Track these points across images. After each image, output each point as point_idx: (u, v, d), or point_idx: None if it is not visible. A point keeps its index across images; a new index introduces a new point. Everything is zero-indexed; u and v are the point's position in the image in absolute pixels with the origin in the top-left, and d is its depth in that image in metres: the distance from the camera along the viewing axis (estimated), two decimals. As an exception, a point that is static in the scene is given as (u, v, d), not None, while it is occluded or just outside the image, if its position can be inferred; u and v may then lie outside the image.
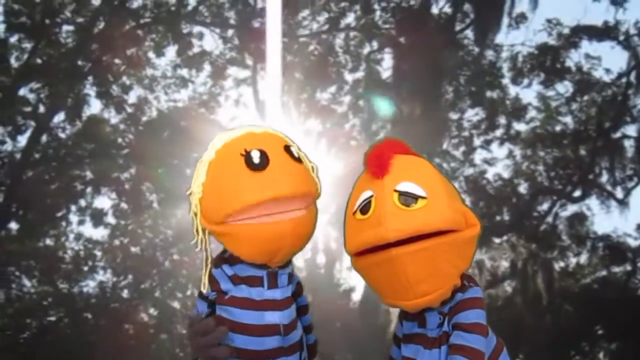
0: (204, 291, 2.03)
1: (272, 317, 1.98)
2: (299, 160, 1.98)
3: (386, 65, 11.97)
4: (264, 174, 1.90)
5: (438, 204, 1.82)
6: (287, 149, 1.98)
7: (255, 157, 1.92)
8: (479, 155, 12.58)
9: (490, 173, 12.53)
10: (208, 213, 1.97)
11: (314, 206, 2.03)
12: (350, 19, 12.21)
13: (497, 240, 12.30)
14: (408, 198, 1.81)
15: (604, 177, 12.19)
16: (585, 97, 11.99)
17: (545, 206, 12.33)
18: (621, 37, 11.64)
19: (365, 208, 1.88)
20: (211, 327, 1.96)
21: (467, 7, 11.89)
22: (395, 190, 1.83)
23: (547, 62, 11.74)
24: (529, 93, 12.01)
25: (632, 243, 12.22)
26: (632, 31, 11.67)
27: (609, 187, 12.17)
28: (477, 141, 12.16)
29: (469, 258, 1.91)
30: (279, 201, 1.92)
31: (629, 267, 12.35)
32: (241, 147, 1.94)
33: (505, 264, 12.33)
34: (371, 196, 1.87)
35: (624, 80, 11.76)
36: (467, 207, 1.89)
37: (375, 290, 1.96)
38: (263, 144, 1.96)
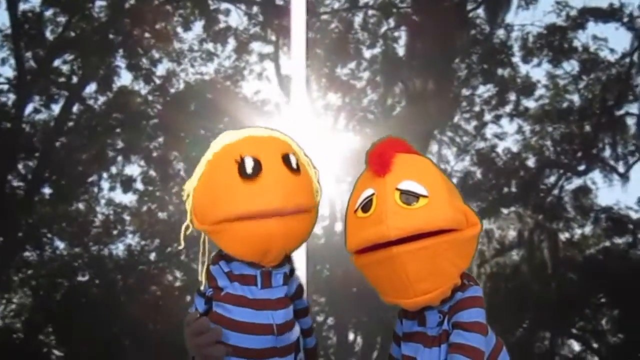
0: (202, 288, 2.03)
1: (266, 317, 2.00)
2: (296, 170, 1.96)
3: (402, 43, 12.52)
4: (255, 185, 1.89)
5: (439, 202, 1.87)
6: (285, 158, 1.97)
7: (249, 166, 1.90)
8: (489, 130, 13.09)
9: (500, 147, 13.05)
10: (200, 214, 1.99)
11: (311, 211, 2.02)
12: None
13: (505, 211, 12.78)
14: (409, 197, 1.85)
15: (607, 152, 12.73)
16: (591, 76, 12.52)
17: (551, 179, 12.79)
18: (625, 19, 12.24)
19: (366, 206, 1.90)
20: (206, 327, 1.95)
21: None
22: (397, 189, 1.87)
23: (555, 42, 12.28)
24: (538, 71, 12.50)
25: (633, 215, 12.71)
26: (636, 13, 12.27)
27: (611, 162, 12.70)
28: (487, 116, 12.66)
29: (470, 257, 1.93)
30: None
31: (630, 239, 12.86)
32: (237, 153, 1.93)
33: (512, 234, 12.74)
34: (373, 194, 1.91)
35: (627, 60, 12.37)
36: (468, 205, 1.96)
37: (375, 288, 2.00)
38: (260, 152, 1.94)
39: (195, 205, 1.97)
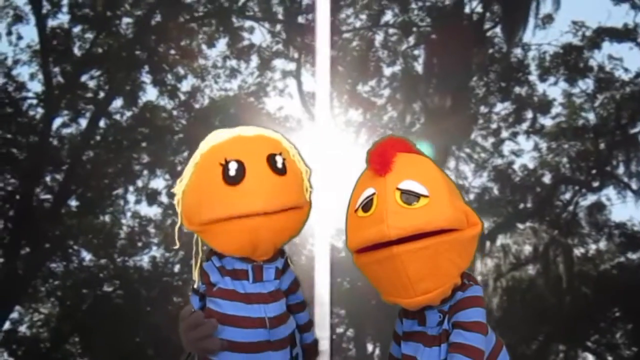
0: (195, 285, 2.03)
1: (258, 310, 2.00)
2: (281, 170, 1.97)
3: (421, 61, 12.78)
4: (238, 189, 1.90)
5: (440, 202, 1.85)
6: (270, 159, 1.97)
7: (232, 170, 1.92)
8: (506, 147, 13.33)
9: (517, 164, 13.27)
10: (188, 215, 2.01)
11: (302, 207, 2.03)
12: (388, 16, 13.02)
13: (521, 226, 13.00)
14: (410, 196, 1.83)
15: (621, 169, 12.95)
16: (606, 95, 12.77)
17: (567, 195, 13.01)
18: (639, 39, 12.52)
19: (367, 206, 1.88)
20: (201, 320, 1.96)
21: (496, 7, 12.72)
22: (398, 189, 1.84)
23: (571, 61, 12.53)
24: (554, 90, 12.75)
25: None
26: None
27: (625, 179, 12.94)
28: (505, 133, 12.90)
29: (470, 257, 1.92)
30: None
31: (643, 254, 13.08)
32: (223, 156, 1.95)
33: (528, 249, 12.96)
34: (373, 194, 1.88)
35: (640, 79, 12.63)
36: (469, 206, 1.96)
37: (376, 287, 1.98)
38: (245, 154, 1.96)
39: (183, 207, 2.00)
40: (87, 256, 12.03)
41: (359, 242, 1.88)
